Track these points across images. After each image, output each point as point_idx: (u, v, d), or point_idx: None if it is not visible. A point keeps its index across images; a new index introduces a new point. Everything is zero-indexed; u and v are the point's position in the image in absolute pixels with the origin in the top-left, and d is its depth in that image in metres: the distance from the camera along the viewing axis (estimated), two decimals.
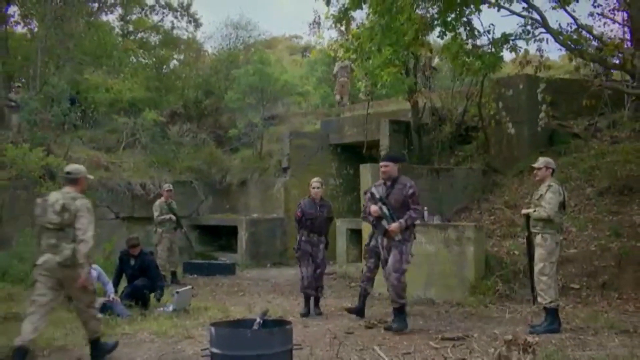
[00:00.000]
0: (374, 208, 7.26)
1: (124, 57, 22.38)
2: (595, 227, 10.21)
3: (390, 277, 7.27)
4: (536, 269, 7.24)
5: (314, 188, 8.66)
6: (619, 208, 10.56)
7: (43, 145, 12.88)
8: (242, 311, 8.67)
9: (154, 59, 22.73)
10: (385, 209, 7.17)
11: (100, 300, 8.29)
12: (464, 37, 10.52)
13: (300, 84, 20.56)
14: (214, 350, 4.66)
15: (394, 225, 7.13)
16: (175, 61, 23.43)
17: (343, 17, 11.14)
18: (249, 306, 9.20)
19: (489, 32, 10.35)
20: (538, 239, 7.25)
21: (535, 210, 7.23)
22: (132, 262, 9.19)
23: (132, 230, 14.46)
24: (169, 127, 17.91)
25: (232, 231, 15.86)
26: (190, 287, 9.41)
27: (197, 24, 24.07)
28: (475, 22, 11.69)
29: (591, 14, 10.86)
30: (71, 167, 6.22)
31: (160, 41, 24.56)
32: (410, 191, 7.27)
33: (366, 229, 10.10)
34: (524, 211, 7.64)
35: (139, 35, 25.06)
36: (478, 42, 10.42)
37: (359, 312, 8.32)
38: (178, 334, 7.11)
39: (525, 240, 7.90)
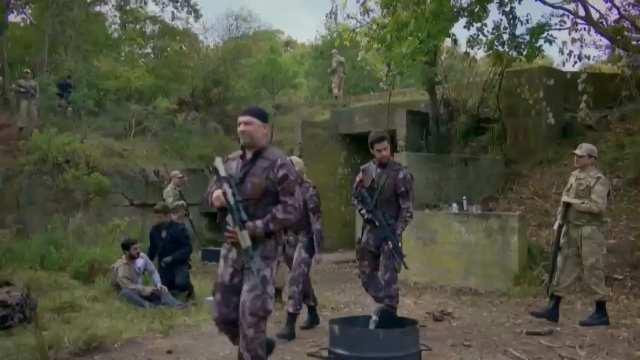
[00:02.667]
0: (215, 194, 3.82)
1: (123, 46, 21.47)
2: (630, 217, 9.76)
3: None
4: (587, 263, 6.42)
5: None
6: None
7: (63, 130, 11.93)
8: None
9: (154, 49, 21.86)
10: (230, 196, 3.68)
11: (147, 290, 7.54)
12: (501, 27, 9.91)
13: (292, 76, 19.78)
14: (338, 351, 3.97)
15: (249, 226, 3.71)
16: (175, 51, 22.53)
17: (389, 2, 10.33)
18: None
19: (527, 21, 9.72)
20: (586, 232, 6.43)
21: (584, 202, 6.34)
22: (164, 233, 8.37)
23: (146, 218, 13.68)
24: (177, 115, 17.04)
25: None
26: None
27: (197, 15, 23.18)
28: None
29: (634, 4, 10.31)
30: None
31: (159, 31, 23.69)
32: (281, 173, 3.82)
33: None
34: (566, 199, 6.55)
35: (138, 26, 24.14)
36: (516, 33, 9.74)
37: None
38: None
39: (556, 228, 6.77)
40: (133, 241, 7.84)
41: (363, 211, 5.79)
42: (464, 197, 9.98)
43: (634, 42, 8.83)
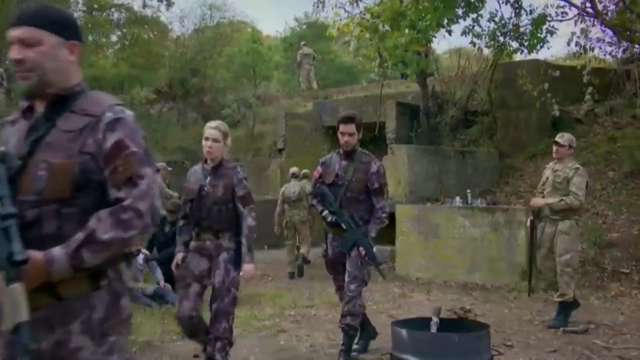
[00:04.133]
0: None
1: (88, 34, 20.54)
2: (630, 210, 9.69)
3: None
4: (562, 259, 6.05)
5: (206, 139, 4.36)
6: None
7: None
8: (301, 298, 7.59)
9: (122, 37, 20.99)
10: None
11: (150, 289, 7.09)
12: (497, 17, 9.68)
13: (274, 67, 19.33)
14: (406, 357, 3.63)
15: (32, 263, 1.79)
16: (146, 39, 21.76)
17: None
18: (299, 291, 8.15)
19: (531, 12, 9.53)
20: (564, 226, 6.02)
21: (561, 200, 5.97)
22: (167, 228, 7.91)
23: None
24: (152, 105, 16.42)
25: None
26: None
27: (169, 3, 22.40)
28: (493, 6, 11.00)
29: None
30: None
31: (126, 19, 22.84)
32: (111, 139, 1.92)
33: None
34: (540, 201, 6.14)
35: (104, 14, 23.23)
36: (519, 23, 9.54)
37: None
38: (264, 327, 5.99)
39: (528, 225, 6.48)
40: None
41: (325, 213, 4.69)
42: (468, 191, 9.77)
43: (638, 34, 8.69)
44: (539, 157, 12.06)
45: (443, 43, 54.87)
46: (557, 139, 6.40)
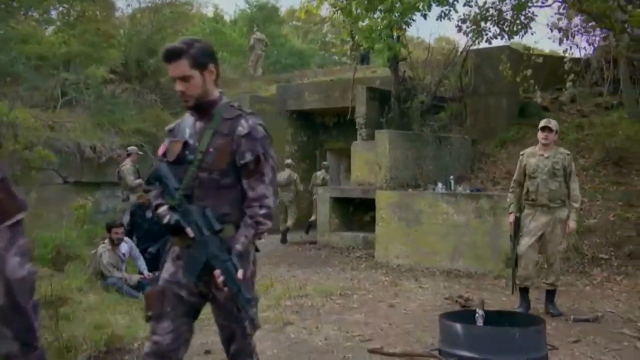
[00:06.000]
0: None
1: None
2: (604, 197, 9.84)
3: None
4: (560, 248, 6.09)
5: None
6: (619, 179, 10.30)
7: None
8: (293, 288, 7.31)
9: (61, 15, 19.87)
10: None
11: (134, 279, 6.66)
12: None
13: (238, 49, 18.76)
14: (460, 352, 3.41)
15: None
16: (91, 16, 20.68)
17: None
18: (286, 281, 7.86)
19: None
20: (563, 214, 5.97)
21: (577, 202, 5.96)
22: (149, 214, 7.46)
23: (82, 197, 12.53)
24: (106, 86, 15.58)
25: None
26: None
27: None
28: None
29: None
30: None
31: None
32: None
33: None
34: (574, 223, 5.94)
35: None
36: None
37: None
38: (267, 318, 5.69)
39: (512, 221, 6.14)
40: (117, 224, 6.86)
41: (163, 209, 2.72)
42: (451, 177, 9.67)
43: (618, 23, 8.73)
44: (510, 144, 12.14)
45: (412, 29, 55.09)
46: (546, 124, 6.17)
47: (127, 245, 6.87)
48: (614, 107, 12.17)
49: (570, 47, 10.43)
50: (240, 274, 2.50)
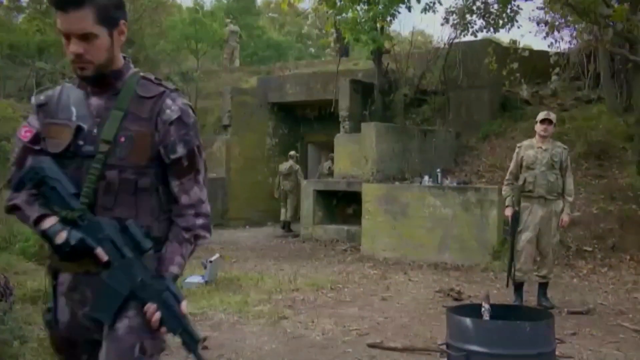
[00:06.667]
0: None
1: None
2: (587, 190, 9.93)
3: None
4: (556, 240, 6.15)
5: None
6: (601, 172, 10.42)
7: None
8: (280, 281, 7.23)
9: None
10: None
11: None
12: None
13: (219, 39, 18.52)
14: (469, 347, 3.37)
15: None
16: None
17: None
18: (274, 275, 7.78)
19: None
20: (557, 207, 6.01)
21: (570, 197, 6.04)
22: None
23: None
24: None
25: None
26: (218, 255, 7.69)
27: None
28: None
29: None
30: None
31: None
32: None
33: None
34: (568, 217, 6.04)
35: None
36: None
37: None
38: (260, 312, 5.60)
39: (510, 214, 6.11)
40: None
41: (51, 225, 1.79)
42: (438, 170, 9.66)
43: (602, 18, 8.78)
44: (493, 137, 12.19)
45: (395, 23, 55.21)
46: (546, 117, 6.18)
47: None
48: (594, 101, 12.31)
49: (555, 41, 10.38)
50: (183, 306, 1.83)
